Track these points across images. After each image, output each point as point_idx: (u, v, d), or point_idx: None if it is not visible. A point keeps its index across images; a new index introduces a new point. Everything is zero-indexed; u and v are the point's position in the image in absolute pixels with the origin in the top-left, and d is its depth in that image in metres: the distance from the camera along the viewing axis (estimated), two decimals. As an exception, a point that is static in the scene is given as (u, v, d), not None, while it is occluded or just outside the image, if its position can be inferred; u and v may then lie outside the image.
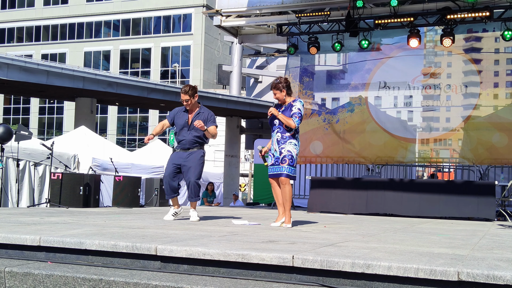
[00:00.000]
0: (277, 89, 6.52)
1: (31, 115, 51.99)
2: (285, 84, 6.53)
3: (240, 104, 22.99)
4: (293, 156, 6.40)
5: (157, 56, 48.74)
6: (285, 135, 6.44)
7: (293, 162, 6.40)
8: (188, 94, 7.00)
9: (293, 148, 6.42)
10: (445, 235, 5.97)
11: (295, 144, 6.45)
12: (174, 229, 5.54)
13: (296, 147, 6.46)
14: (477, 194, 10.39)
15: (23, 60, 18.81)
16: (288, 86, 6.56)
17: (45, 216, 7.07)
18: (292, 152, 6.40)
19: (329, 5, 12.56)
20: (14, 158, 11.25)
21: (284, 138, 6.44)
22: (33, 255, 4.20)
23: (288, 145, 6.41)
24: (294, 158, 6.42)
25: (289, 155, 6.39)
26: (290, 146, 6.41)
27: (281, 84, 6.51)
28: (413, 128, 12.77)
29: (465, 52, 12.09)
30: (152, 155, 17.35)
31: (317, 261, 3.44)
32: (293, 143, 6.43)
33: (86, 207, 10.71)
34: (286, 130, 6.43)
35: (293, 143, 6.43)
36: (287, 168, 6.36)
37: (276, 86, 6.54)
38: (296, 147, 6.46)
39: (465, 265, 3.35)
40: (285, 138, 6.43)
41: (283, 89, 6.50)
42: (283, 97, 6.52)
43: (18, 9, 53.12)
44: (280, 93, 6.52)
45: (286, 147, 6.41)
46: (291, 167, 6.38)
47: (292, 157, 6.39)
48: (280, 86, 6.50)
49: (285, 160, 6.37)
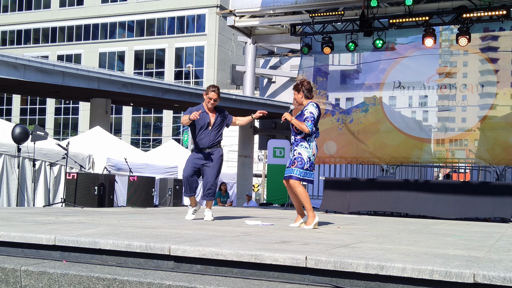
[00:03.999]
0: (296, 90, 6.48)
1: (47, 116, 52.49)
2: (304, 87, 6.44)
3: (253, 105, 22.99)
4: (303, 158, 6.30)
5: (171, 57, 48.92)
6: (296, 137, 6.40)
7: (302, 165, 6.29)
8: (218, 94, 7.14)
9: (304, 151, 6.32)
10: (461, 237, 5.91)
11: (305, 147, 6.34)
12: (187, 229, 5.55)
13: (307, 150, 6.33)
14: (493, 195, 10.27)
15: (39, 61, 19.01)
16: (308, 89, 6.45)
17: (60, 216, 7.13)
18: (302, 155, 6.31)
19: (343, 4, 12.51)
20: (30, 158, 11.35)
21: (296, 141, 6.40)
22: (48, 254, 4.24)
23: (299, 148, 6.35)
24: (305, 161, 6.30)
25: (298, 157, 6.32)
26: (301, 149, 6.35)
27: (301, 86, 6.45)
28: (428, 128, 12.66)
29: (482, 51, 11.96)
30: (166, 155, 17.42)
31: (331, 262, 3.42)
32: (303, 146, 6.34)
33: (100, 207, 10.77)
34: (296, 133, 6.39)
35: (303, 145, 6.35)
36: (296, 170, 6.29)
37: (296, 87, 6.52)
38: (308, 150, 6.33)
39: (481, 267, 3.31)
40: (296, 141, 6.40)
41: (301, 91, 6.43)
42: (300, 99, 6.46)
43: (34, 11, 53.66)
44: (297, 95, 6.46)
45: (297, 150, 6.37)
46: (300, 169, 6.29)
47: (302, 160, 6.30)
48: (299, 88, 6.44)
49: (294, 162, 6.33)
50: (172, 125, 48.18)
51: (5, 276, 3.75)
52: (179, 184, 13.03)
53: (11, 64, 17.55)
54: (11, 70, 17.56)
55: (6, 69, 17.47)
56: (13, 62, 17.60)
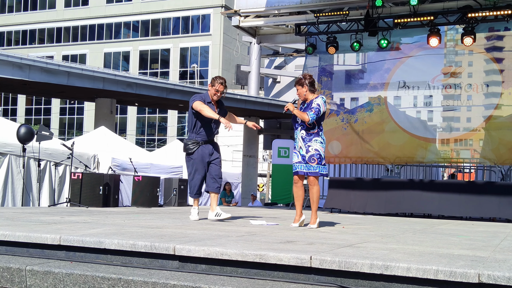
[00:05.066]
0: (299, 85, 6.47)
1: (52, 116, 52.66)
2: (308, 80, 6.44)
3: (258, 104, 23.00)
4: (321, 154, 6.31)
5: (176, 57, 48.99)
6: (309, 132, 6.33)
7: (321, 161, 6.31)
8: (226, 87, 7.07)
9: (320, 146, 6.32)
10: (466, 236, 5.89)
11: (321, 142, 6.34)
12: (192, 229, 5.56)
13: (322, 145, 6.35)
14: (498, 195, 10.25)
15: (44, 61, 19.08)
16: (311, 83, 6.46)
17: (65, 216, 7.15)
18: (320, 151, 6.30)
19: (348, 4, 12.48)
20: (35, 158, 11.39)
21: (309, 135, 6.32)
22: (54, 254, 4.25)
23: (314, 143, 6.30)
24: (323, 157, 6.33)
25: (317, 154, 6.28)
26: (317, 144, 6.31)
27: (304, 80, 6.44)
28: (433, 128, 12.63)
29: (487, 51, 11.92)
30: (171, 155, 17.44)
31: (335, 262, 3.42)
32: (319, 141, 6.33)
33: (105, 206, 10.79)
34: (308, 128, 6.32)
35: (318, 140, 6.33)
36: (317, 167, 6.28)
37: (299, 81, 6.50)
38: (323, 145, 6.36)
39: (486, 267, 3.30)
40: (310, 135, 6.32)
41: (305, 85, 6.42)
42: (304, 93, 6.44)
43: (39, 11, 53.84)
44: (302, 89, 6.45)
45: (313, 146, 6.30)
46: (320, 166, 6.30)
47: (320, 156, 6.30)
48: (303, 82, 6.44)
49: (314, 159, 6.27)
50: (177, 125, 48.25)
51: (10, 276, 3.77)
52: (184, 184, 13.03)
53: (16, 64, 17.63)
54: (16, 70, 17.64)
55: (11, 69, 17.54)
56: (18, 62, 17.67)
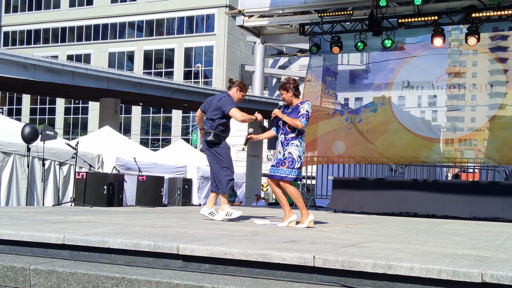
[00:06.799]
0: (284, 90, 6.40)
1: (57, 115, 52.81)
2: (292, 85, 6.38)
3: (262, 104, 23.01)
4: (293, 158, 6.21)
5: (180, 57, 49.05)
6: (288, 136, 6.28)
7: (293, 164, 6.20)
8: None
9: (295, 150, 6.25)
10: (469, 236, 5.89)
11: (297, 145, 6.27)
12: (196, 228, 5.57)
13: (298, 148, 6.26)
14: (502, 195, 10.23)
15: (49, 61, 19.16)
16: (295, 87, 6.40)
17: (70, 215, 7.17)
18: (293, 154, 6.23)
19: (352, 4, 12.47)
20: (40, 158, 11.43)
21: (287, 140, 6.29)
22: (57, 253, 4.26)
23: (290, 147, 6.25)
24: (295, 160, 6.22)
25: (289, 157, 6.22)
26: (292, 147, 6.25)
27: (288, 84, 6.38)
28: (437, 128, 12.62)
29: (491, 51, 11.90)
30: (175, 155, 17.48)
31: (338, 262, 3.42)
32: (295, 144, 6.26)
33: (109, 206, 10.82)
34: (289, 131, 6.27)
35: (295, 144, 6.26)
36: (285, 170, 6.20)
37: (283, 86, 6.43)
38: (298, 148, 6.26)
39: (489, 266, 3.30)
40: (288, 140, 6.28)
41: (289, 90, 6.36)
42: (290, 98, 6.39)
43: (44, 11, 53.99)
44: (287, 94, 6.39)
45: (288, 149, 6.26)
46: (290, 169, 6.20)
47: (292, 159, 6.21)
48: (287, 87, 6.37)
49: (285, 162, 6.22)
50: (181, 125, 48.32)
51: (14, 275, 3.79)
52: (188, 184, 13.06)
53: (21, 64, 17.70)
54: (21, 70, 17.70)
55: (16, 69, 17.61)
56: (23, 62, 17.74)
